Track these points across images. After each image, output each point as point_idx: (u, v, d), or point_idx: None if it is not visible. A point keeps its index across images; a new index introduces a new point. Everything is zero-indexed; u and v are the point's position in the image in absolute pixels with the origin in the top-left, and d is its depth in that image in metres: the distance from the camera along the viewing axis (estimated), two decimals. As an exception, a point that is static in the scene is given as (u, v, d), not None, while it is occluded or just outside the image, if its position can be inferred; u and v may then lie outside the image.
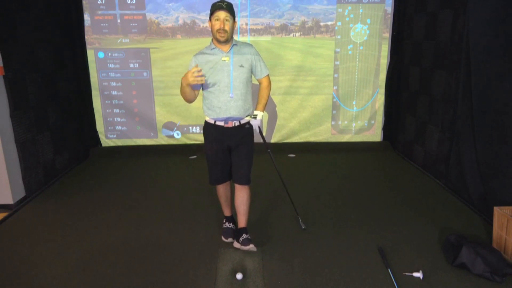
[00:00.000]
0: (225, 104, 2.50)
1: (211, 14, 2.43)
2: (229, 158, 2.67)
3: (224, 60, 2.47)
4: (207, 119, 2.60)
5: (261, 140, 2.95)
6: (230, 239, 2.80)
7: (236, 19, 2.53)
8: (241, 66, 2.50)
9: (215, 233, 2.94)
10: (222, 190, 2.81)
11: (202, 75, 2.36)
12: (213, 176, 2.73)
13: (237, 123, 2.56)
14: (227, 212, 2.95)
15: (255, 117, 2.61)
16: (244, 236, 2.68)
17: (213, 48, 2.50)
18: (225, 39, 2.42)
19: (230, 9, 2.41)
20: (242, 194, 2.68)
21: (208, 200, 3.48)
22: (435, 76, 3.92)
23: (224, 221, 2.94)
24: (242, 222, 2.74)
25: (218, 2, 2.41)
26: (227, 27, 2.40)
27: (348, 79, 4.93)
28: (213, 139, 2.59)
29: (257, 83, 2.72)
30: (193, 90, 2.53)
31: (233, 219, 2.97)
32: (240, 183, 2.66)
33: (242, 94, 2.51)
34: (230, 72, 2.47)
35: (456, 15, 3.50)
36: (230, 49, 2.50)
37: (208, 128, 2.61)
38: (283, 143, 5.09)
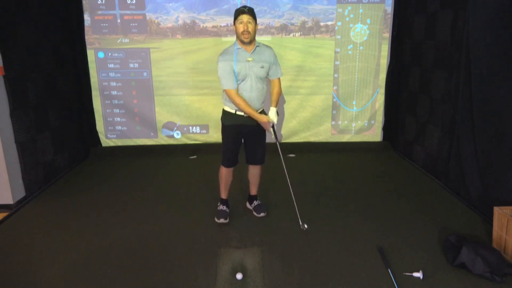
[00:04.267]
0: (248, 99, 2.85)
1: (235, 18, 2.74)
2: (241, 144, 3.07)
3: (249, 61, 2.78)
4: (227, 109, 2.95)
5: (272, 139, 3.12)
6: (222, 220, 3.07)
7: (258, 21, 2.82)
8: (262, 67, 2.83)
9: (215, 233, 2.95)
10: (227, 173, 3.12)
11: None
12: (228, 159, 3.05)
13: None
14: (224, 195, 3.23)
15: (277, 113, 2.96)
16: (256, 202, 3.25)
17: (238, 48, 2.79)
18: (249, 39, 2.73)
19: (251, 13, 2.73)
20: (256, 171, 3.20)
21: (208, 200, 3.48)
22: (435, 76, 3.92)
23: (219, 204, 3.22)
24: (254, 191, 3.29)
25: (241, 7, 2.74)
26: (250, 29, 2.70)
27: (348, 79, 4.93)
28: (233, 125, 2.95)
29: None
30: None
31: (227, 202, 3.24)
32: (257, 164, 3.14)
33: (260, 90, 2.89)
34: (254, 71, 2.80)
35: (456, 15, 3.50)
36: (254, 50, 2.81)
37: (229, 116, 2.95)
38: (283, 143, 5.09)
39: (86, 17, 4.63)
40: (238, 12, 2.71)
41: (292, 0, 4.73)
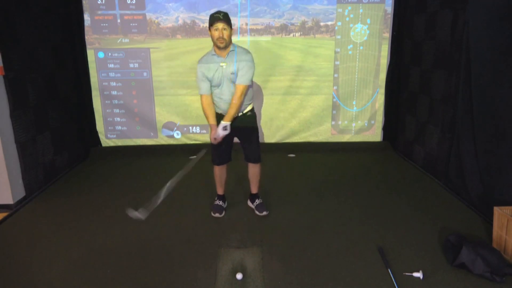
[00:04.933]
0: (226, 103, 2.94)
1: (211, 25, 2.76)
2: (231, 143, 3.13)
3: (222, 66, 2.84)
4: (216, 111, 3.03)
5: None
6: (217, 214, 3.20)
7: (236, 21, 2.80)
8: (232, 73, 2.86)
9: (215, 233, 2.95)
10: (220, 171, 3.23)
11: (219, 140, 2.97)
12: (217, 158, 3.17)
13: (240, 114, 3.01)
14: (220, 191, 3.34)
15: (225, 128, 2.92)
16: (257, 201, 3.28)
17: (213, 55, 2.87)
18: (224, 45, 2.78)
19: (226, 19, 2.75)
20: (255, 169, 3.23)
21: (208, 201, 3.48)
22: (435, 76, 3.92)
23: (216, 199, 3.34)
24: (255, 189, 3.32)
25: (215, 14, 2.75)
26: (225, 36, 2.74)
27: (348, 79, 4.93)
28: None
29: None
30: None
31: (224, 197, 3.36)
32: (253, 162, 3.19)
33: (226, 97, 2.92)
34: (228, 76, 2.87)
35: (456, 15, 3.50)
36: (228, 54, 2.85)
37: (217, 117, 3.02)
38: (283, 143, 5.09)
39: (86, 17, 4.63)
40: (213, 19, 2.74)
41: (292, 0, 4.73)
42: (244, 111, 3.03)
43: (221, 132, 2.91)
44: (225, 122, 2.91)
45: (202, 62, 2.89)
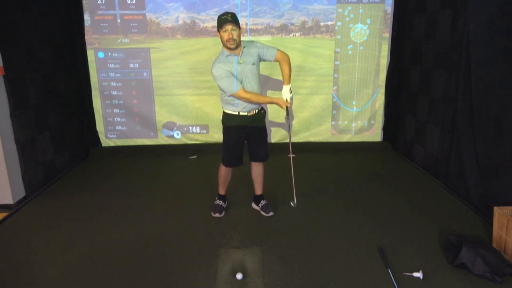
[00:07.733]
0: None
1: (219, 27, 2.78)
2: (244, 144, 3.11)
3: (241, 63, 2.86)
4: (230, 111, 2.99)
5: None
6: (217, 214, 3.18)
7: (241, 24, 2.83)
8: (253, 64, 2.89)
9: (215, 233, 2.95)
10: (227, 172, 3.20)
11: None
12: (230, 160, 3.12)
13: (256, 111, 3.03)
14: (222, 191, 3.31)
15: (291, 90, 2.99)
16: (263, 202, 3.26)
17: (227, 55, 2.87)
18: (234, 46, 2.80)
19: (234, 20, 2.76)
20: (259, 168, 3.22)
21: (208, 201, 3.48)
22: (435, 76, 3.92)
23: (217, 198, 3.32)
24: (259, 190, 3.30)
25: (223, 15, 2.77)
26: (235, 36, 2.76)
27: (348, 79, 4.93)
28: (236, 126, 3.00)
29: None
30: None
31: (225, 197, 3.34)
32: (260, 161, 3.18)
33: (257, 88, 2.96)
34: (249, 71, 2.89)
35: (456, 15, 3.50)
36: (242, 52, 2.87)
37: (231, 118, 3.00)
38: (283, 143, 5.08)
39: (86, 17, 4.63)
40: (222, 21, 2.74)
41: (292, 0, 4.73)
42: (258, 109, 3.04)
43: (289, 94, 2.97)
44: (289, 85, 2.97)
45: (219, 62, 2.85)
